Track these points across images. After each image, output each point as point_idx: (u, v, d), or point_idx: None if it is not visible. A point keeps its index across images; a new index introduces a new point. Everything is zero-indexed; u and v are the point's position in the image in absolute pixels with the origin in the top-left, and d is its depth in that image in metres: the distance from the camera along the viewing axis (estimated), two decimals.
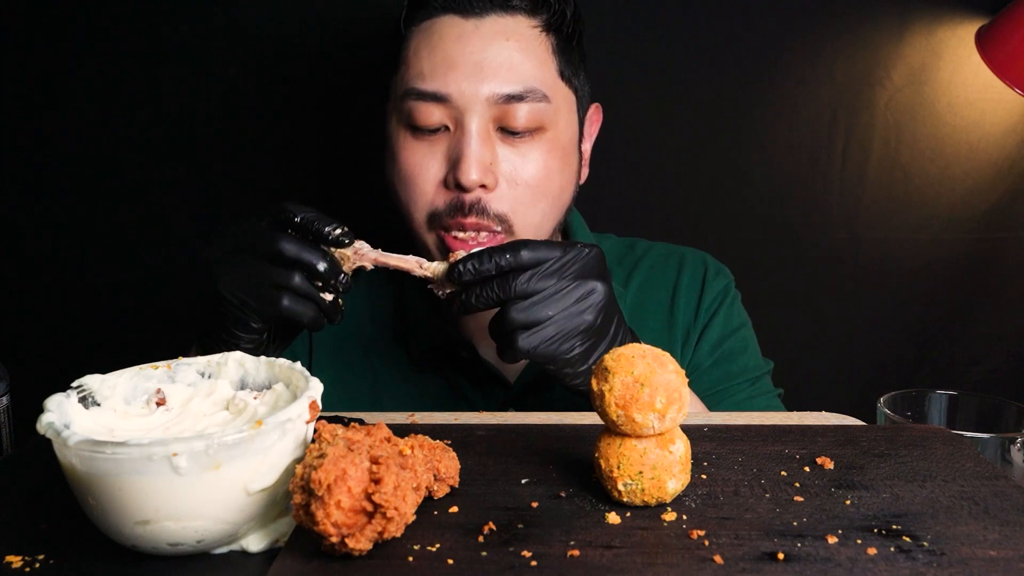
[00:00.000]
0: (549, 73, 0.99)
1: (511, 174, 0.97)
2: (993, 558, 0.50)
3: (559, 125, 1.00)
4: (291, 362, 0.61)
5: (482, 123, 0.95)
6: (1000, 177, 1.49)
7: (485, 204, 0.96)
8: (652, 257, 1.18)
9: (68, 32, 1.44)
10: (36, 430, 0.51)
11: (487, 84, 0.94)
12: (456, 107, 0.95)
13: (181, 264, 1.51)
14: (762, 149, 1.48)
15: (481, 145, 0.95)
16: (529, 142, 0.98)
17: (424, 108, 0.96)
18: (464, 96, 0.94)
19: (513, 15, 0.97)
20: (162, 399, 0.61)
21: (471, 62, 0.94)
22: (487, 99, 0.94)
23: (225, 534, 0.52)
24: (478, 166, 0.94)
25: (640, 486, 0.56)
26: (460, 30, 0.96)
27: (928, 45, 1.44)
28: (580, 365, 0.82)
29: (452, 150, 0.96)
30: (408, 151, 0.99)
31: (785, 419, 0.84)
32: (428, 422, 0.79)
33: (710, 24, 1.43)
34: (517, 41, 0.96)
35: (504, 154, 0.97)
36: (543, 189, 0.99)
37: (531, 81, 0.96)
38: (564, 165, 1.02)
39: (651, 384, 0.55)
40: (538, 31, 0.98)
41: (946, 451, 0.66)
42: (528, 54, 0.97)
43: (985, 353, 1.55)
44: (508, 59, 0.95)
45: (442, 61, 0.95)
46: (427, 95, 0.95)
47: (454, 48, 0.95)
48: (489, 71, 0.94)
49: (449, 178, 0.96)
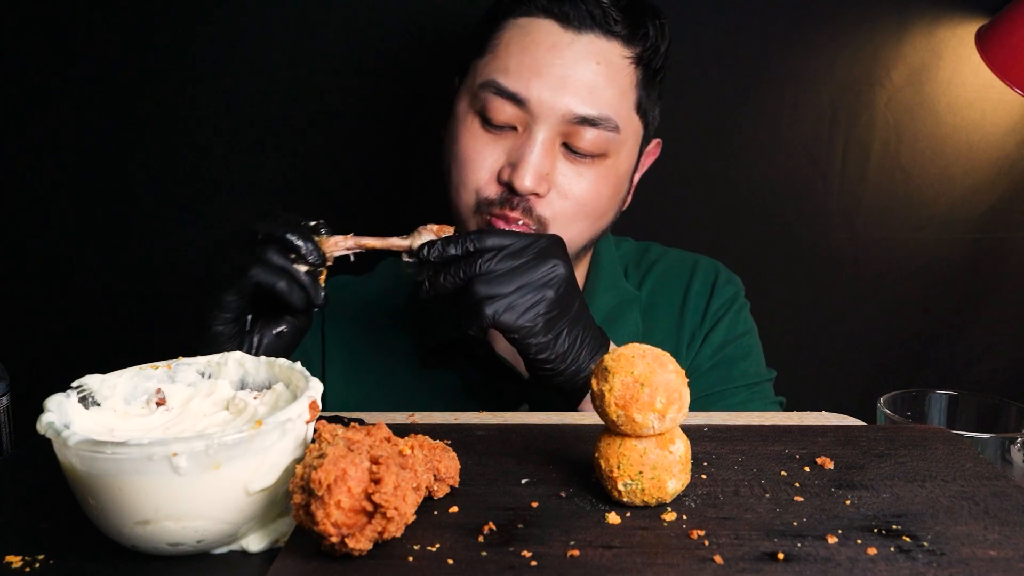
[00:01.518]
0: (626, 104, 1.00)
1: (564, 188, 0.99)
2: (993, 558, 0.50)
3: (621, 155, 1.02)
4: (291, 362, 0.61)
5: (550, 135, 0.97)
6: (1000, 177, 1.49)
7: (532, 205, 0.98)
8: (666, 262, 1.20)
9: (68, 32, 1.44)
10: (36, 430, 0.51)
11: (566, 100, 0.96)
12: (530, 113, 0.97)
13: (181, 264, 1.51)
14: (762, 149, 1.48)
15: (544, 156, 0.97)
16: (590, 164, 1.00)
17: (499, 104, 0.97)
18: (542, 105, 0.96)
19: (610, 39, 0.98)
20: (162, 399, 0.61)
21: (557, 75, 0.96)
22: (562, 115, 0.96)
23: (225, 534, 0.52)
24: (535, 175, 0.96)
25: (640, 486, 0.56)
26: (556, 39, 0.97)
27: (928, 45, 1.44)
28: (543, 336, 0.84)
29: (515, 151, 0.98)
30: (472, 137, 1.00)
31: (785, 419, 0.84)
32: (428, 422, 0.79)
33: (710, 24, 1.43)
34: (606, 67, 0.97)
35: (562, 168, 0.99)
36: (588, 210, 1.01)
37: (607, 109, 0.97)
38: (614, 192, 1.04)
39: (651, 384, 0.55)
40: (628, 62, 1.00)
41: (946, 451, 0.67)
42: (612, 81, 0.98)
43: (985, 353, 1.55)
44: (592, 82, 0.97)
45: (530, 64, 0.96)
46: (506, 92, 0.97)
47: (545, 56, 0.96)
48: (571, 88, 0.96)
49: (504, 174, 0.98)
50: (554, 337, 0.85)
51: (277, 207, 0.86)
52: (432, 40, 1.43)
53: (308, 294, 0.83)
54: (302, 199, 1.51)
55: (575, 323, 0.86)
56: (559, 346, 0.85)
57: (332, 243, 0.84)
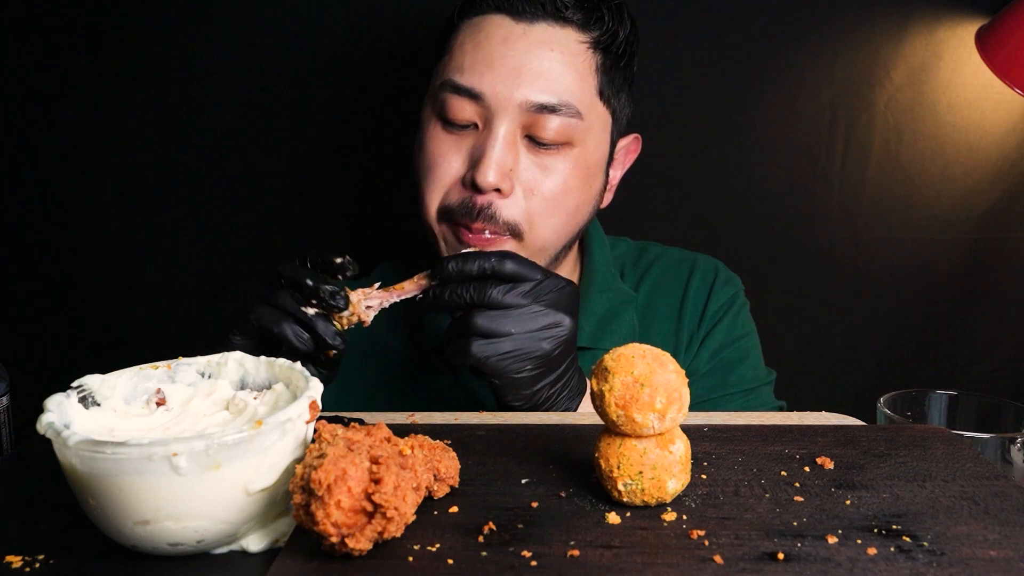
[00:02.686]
0: (588, 90, 0.98)
1: (529, 183, 0.97)
2: (993, 558, 0.50)
3: (588, 144, 1.00)
4: (291, 362, 0.61)
5: (510, 127, 0.96)
6: (1000, 177, 1.49)
7: (496, 210, 0.96)
8: (664, 262, 1.19)
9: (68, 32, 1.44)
10: (36, 430, 0.51)
11: (521, 90, 0.94)
12: (488, 107, 0.96)
13: (181, 264, 1.51)
14: (762, 149, 1.48)
15: (505, 149, 0.95)
16: (555, 155, 0.98)
17: (457, 102, 0.97)
18: (497, 97, 0.95)
19: (564, 27, 0.97)
20: (162, 399, 0.61)
21: (510, 65, 0.95)
22: (519, 105, 0.95)
23: (225, 534, 0.52)
24: (497, 169, 0.94)
25: (640, 486, 0.56)
26: (507, 32, 0.96)
27: (928, 45, 1.44)
28: (525, 388, 0.83)
29: (476, 149, 0.97)
30: (435, 141, 0.99)
31: (785, 419, 0.84)
32: (428, 422, 0.79)
33: (710, 24, 1.43)
34: (561, 53, 0.96)
35: (526, 162, 0.97)
36: (558, 204, 0.99)
37: (566, 95, 0.96)
38: (585, 185, 1.02)
39: (651, 384, 0.55)
40: (585, 47, 0.98)
41: (946, 451, 0.67)
42: (569, 68, 0.96)
43: (985, 353, 1.55)
44: (548, 69, 0.95)
45: (483, 59, 0.96)
46: (462, 89, 0.96)
47: (497, 49, 0.96)
48: (526, 78, 0.95)
49: (467, 176, 0.97)
50: (533, 392, 0.83)
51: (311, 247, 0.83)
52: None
53: (319, 338, 0.79)
54: (303, 199, 1.51)
55: (559, 379, 0.85)
56: (535, 398, 0.84)
57: (359, 295, 0.81)
